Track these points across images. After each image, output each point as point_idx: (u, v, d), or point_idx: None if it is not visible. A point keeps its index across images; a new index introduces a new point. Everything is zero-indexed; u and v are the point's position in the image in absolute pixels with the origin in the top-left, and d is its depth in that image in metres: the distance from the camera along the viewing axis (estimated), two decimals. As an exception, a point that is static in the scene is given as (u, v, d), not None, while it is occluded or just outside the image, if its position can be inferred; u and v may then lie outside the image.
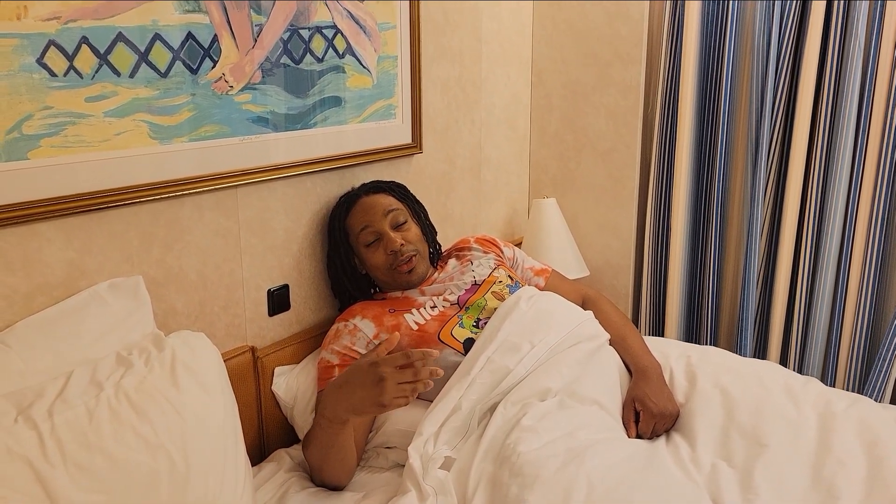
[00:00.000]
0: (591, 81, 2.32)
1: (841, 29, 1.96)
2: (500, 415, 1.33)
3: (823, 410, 1.41)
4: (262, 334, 1.62)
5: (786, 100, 2.09)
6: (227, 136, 1.45)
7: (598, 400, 1.41)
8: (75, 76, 1.19)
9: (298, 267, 1.68)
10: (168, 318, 1.42)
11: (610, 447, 1.28)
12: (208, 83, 1.39)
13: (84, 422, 1.05)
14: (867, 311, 2.04)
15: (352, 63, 1.69)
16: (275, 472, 1.45)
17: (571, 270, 2.22)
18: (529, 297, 1.57)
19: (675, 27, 2.16)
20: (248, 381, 1.54)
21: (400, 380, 1.16)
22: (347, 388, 1.23)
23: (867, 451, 1.30)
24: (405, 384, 1.16)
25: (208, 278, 1.48)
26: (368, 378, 1.19)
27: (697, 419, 1.43)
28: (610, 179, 2.35)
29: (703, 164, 2.23)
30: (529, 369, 1.42)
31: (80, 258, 1.27)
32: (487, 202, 2.32)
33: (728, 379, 1.50)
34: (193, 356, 1.23)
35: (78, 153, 1.22)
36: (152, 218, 1.37)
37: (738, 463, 1.31)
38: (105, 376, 1.13)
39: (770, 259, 2.20)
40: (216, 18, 1.38)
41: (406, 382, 1.16)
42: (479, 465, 1.24)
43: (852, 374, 2.10)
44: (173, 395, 1.15)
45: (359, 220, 1.63)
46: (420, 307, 1.59)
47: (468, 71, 2.13)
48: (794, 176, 2.07)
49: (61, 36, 1.16)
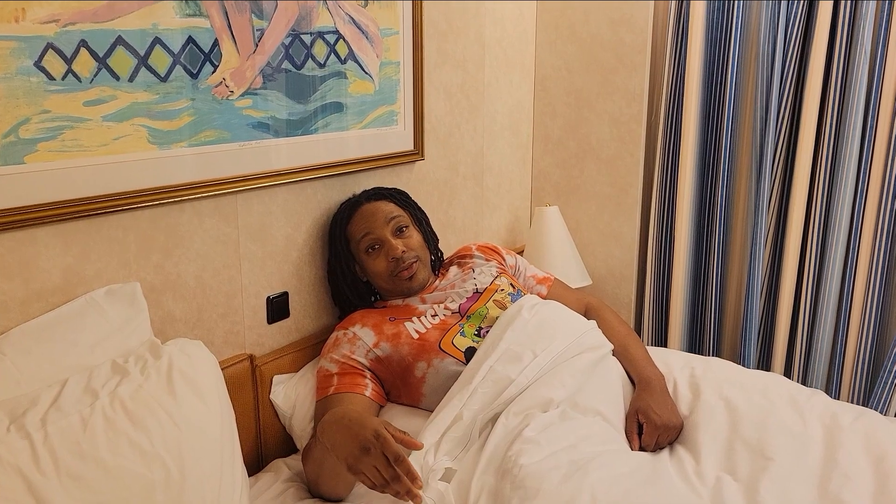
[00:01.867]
0: (594, 89, 2.31)
1: (846, 38, 1.95)
2: (501, 426, 1.31)
3: (830, 424, 1.39)
4: (261, 342, 1.60)
5: (791, 109, 2.07)
6: (227, 141, 1.44)
7: (601, 411, 1.39)
8: (74, 80, 1.18)
9: (298, 274, 1.66)
10: (166, 325, 1.40)
11: (613, 460, 1.26)
12: (208, 88, 1.38)
13: (78, 430, 1.03)
14: (872, 322, 2.02)
15: (354, 69, 1.68)
16: (272, 482, 1.43)
17: (574, 279, 2.21)
18: (532, 305, 1.55)
19: (679, 34, 2.15)
20: (246, 390, 1.52)
21: (379, 467, 1.08)
22: (340, 430, 1.15)
23: (874, 466, 1.28)
24: (379, 475, 1.08)
25: (207, 285, 1.47)
26: (360, 440, 1.10)
27: (702, 432, 1.41)
28: (613, 188, 2.34)
29: (706, 174, 2.22)
30: (532, 379, 1.40)
31: (78, 264, 1.25)
32: (489, 209, 2.31)
33: (733, 391, 1.48)
34: (190, 364, 1.22)
35: (76, 158, 1.20)
36: (151, 224, 1.35)
37: (744, 476, 1.29)
38: (100, 384, 1.11)
39: (774, 270, 2.19)
40: (217, 23, 1.37)
41: (381, 475, 1.08)
42: (481, 477, 1.22)
43: (857, 386, 2.07)
44: (169, 404, 1.13)
45: (360, 226, 1.62)
46: (421, 315, 1.57)
47: (471, 77, 2.12)
48: (799, 186, 2.06)
49: (60, 39, 1.15)
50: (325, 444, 1.18)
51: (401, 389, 1.50)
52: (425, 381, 1.46)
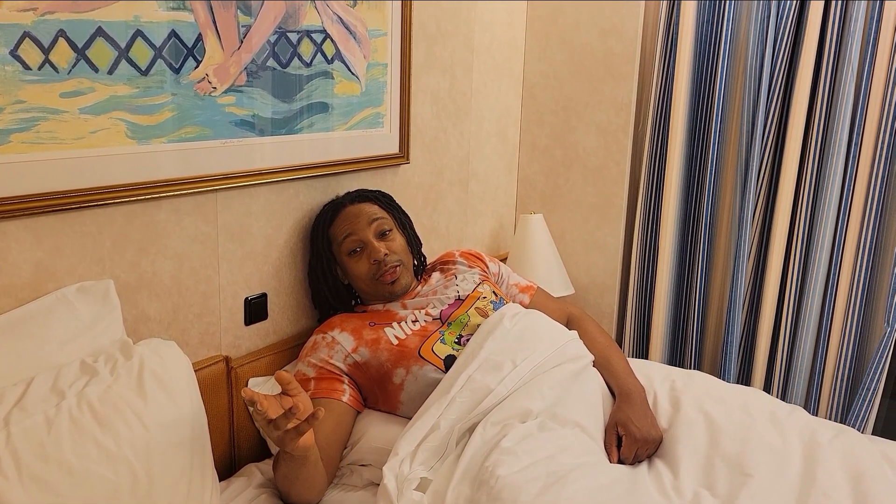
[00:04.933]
0: (582, 98, 2.30)
1: (834, 53, 1.96)
2: (479, 436, 1.29)
3: (809, 441, 1.38)
4: (238, 343, 1.57)
5: (777, 123, 2.08)
6: (208, 138, 1.41)
7: (580, 423, 1.37)
8: (51, 70, 1.15)
9: (278, 276, 1.63)
10: (139, 324, 1.37)
11: (591, 472, 1.24)
12: (191, 83, 1.35)
13: (42, 431, 1.00)
14: (852, 339, 2.03)
15: (340, 69, 1.66)
16: (244, 487, 1.40)
17: (557, 288, 2.19)
18: (513, 314, 1.53)
19: (668, 46, 2.15)
20: (221, 392, 1.49)
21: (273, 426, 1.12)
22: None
23: (852, 485, 1.27)
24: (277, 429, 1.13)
25: (183, 284, 1.44)
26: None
27: (681, 446, 1.39)
28: (598, 197, 2.33)
29: (692, 185, 2.22)
30: (511, 389, 1.38)
31: (50, 259, 1.22)
32: (474, 216, 2.29)
33: (713, 405, 1.47)
34: (162, 365, 1.19)
35: (51, 150, 1.17)
36: (127, 220, 1.32)
37: (722, 492, 1.28)
38: (68, 384, 1.08)
39: (756, 284, 2.19)
40: (201, 17, 1.35)
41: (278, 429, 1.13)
42: (456, 487, 1.20)
43: (835, 402, 2.08)
44: (139, 406, 1.10)
45: (342, 228, 1.59)
46: (401, 321, 1.55)
47: (459, 82, 2.10)
48: (783, 200, 2.06)
49: (37, 28, 1.12)
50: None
51: (379, 396, 1.47)
52: (404, 388, 1.44)
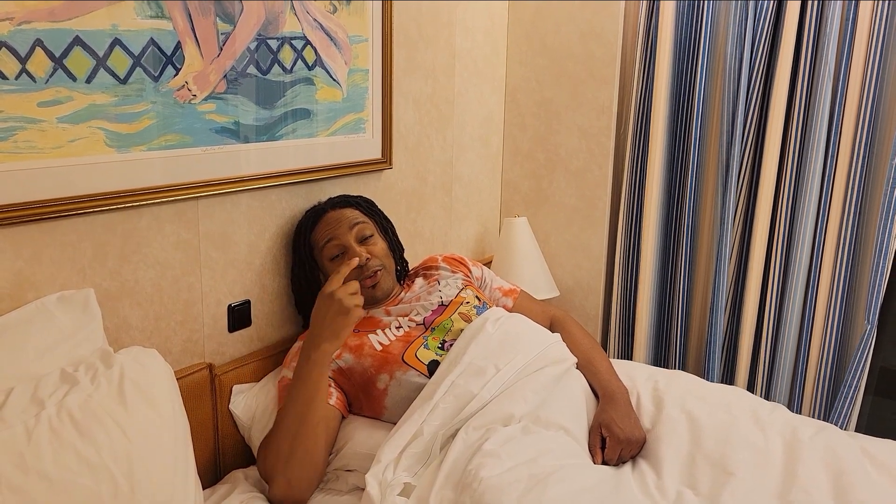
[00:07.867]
0: (564, 101, 2.32)
1: (811, 55, 1.98)
2: (461, 440, 1.29)
3: (790, 438, 1.39)
4: (221, 350, 1.57)
5: (756, 124, 2.10)
6: (189, 145, 1.41)
7: (563, 425, 1.38)
8: (28, 80, 1.14)
9: (261, 282, 1.63)
10: (121, 332, 1.36)
11: (575, 474, 1.25)
12: (170, 91, 1.35)
13: (22, 442, 0.99)
14: (833, 337, 2.05)
15: (321, 75, 1.66)
16: (229, 493, 1.39)
17: (541, 291, 2.20)
18: (496, 319, 1.54)
19: (648, 49, 2.16)
20: (205, 400, 1.49)
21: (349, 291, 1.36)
22: (319, 323, 1.36)
23: (833, 481, 1.28)
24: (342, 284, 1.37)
25: (165, 292, 1.43)
26: (324, 304, 1.36)
27: (664, 446, 1.40)
28: (582, 199, 2.34)
29: (673, 186, 2.23)
30: (494, 394, 1.39)
31: (29, 268, 1.21)
32: (458, 220, 2.29)
33: (695, 405, 1.48)
34: (144, 373, 1.18)
35: (29, 160, 1.17)
36: (107, 228, 1.32)
37: (705, 491, 1.29)
38: (47, 394, 1.07)
39: (739, 284, 2.20)
40: (180, 25, 1.35)
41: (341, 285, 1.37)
42: (440, 492, 1.20)
43: (818, 400, 2.10)
44: (120, 415, 1.10)
45: (324, 233, 1.60)
46: (385, 327, 1.55)
47: (441, 87, 2.11)
48: (764, 200, 2.08)
49: (14, 38, 1.12)
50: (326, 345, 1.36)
51: (363, 401, 1.47)
52: (387, 393, 1.44)
